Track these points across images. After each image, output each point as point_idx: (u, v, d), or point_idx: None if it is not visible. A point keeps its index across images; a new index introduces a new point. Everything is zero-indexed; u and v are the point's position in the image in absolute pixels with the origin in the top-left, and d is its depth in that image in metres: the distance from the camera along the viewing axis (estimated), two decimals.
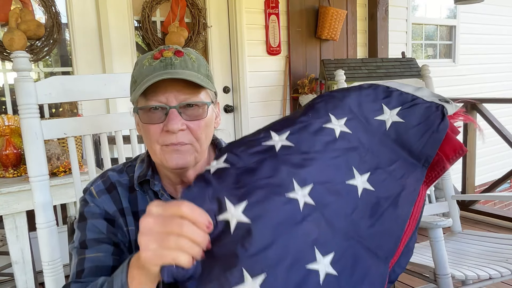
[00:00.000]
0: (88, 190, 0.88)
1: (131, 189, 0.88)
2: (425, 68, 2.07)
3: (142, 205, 0.86)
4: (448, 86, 4.82)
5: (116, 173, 0.90)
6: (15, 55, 1.04)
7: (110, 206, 0.85)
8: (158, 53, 0.79)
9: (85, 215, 0.85)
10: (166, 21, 2.93)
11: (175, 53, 0.79)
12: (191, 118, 0.78)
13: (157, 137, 0.78)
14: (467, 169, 3.39)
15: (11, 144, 1.95)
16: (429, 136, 0.65)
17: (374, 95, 0.71)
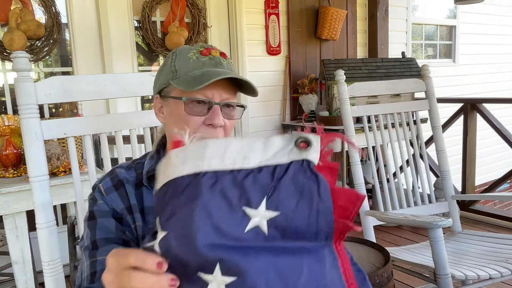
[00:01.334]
0: (97, 187, 0.89)
1: (137, 186, 0.89)
2: (425, 68, 2.07)
3: (148, 201, 0.87)
4: (448, 86, 4.82)
5: (124, 170, 0.91)
6: (15, 55, 1.04)
7: (118, 204, 0.86)
8: (206, 50, 0.84)
9: (94, 214, 0.86)
10: (166, 21, 2.93)
11: (221, 55, 0.86)
12: (228, 117, 0.85)
13: (196, 128, 0.82)
14: (467, 169, 3.39)
15: (11, 144, 1.95)
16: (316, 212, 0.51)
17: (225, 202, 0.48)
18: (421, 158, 2.23)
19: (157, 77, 0.90)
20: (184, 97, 0.82)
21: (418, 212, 1.96)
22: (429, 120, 2.10)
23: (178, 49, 0.87)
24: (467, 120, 3.34)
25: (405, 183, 2.18)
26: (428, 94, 2.07)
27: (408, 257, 1.75)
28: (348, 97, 1.90)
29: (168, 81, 0.84)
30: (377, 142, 1.99)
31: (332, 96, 3.11)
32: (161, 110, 0.89)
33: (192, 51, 0.85)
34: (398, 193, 1.97)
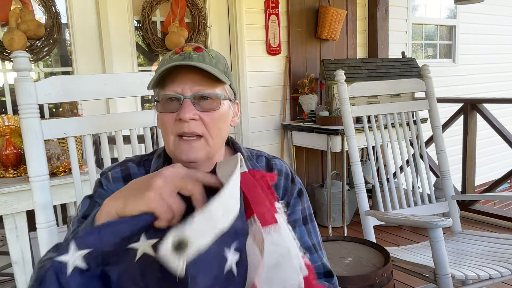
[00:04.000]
0: (106, 174, 0.89)
1: None
2: (425, 68, 2.07)
3: None
4: (448, 86, 4.82)
5: (135, 165, 0.90)
6: (15, 55, 1.04)
7: None
8: (179, 48, 0.82)
9: (97, 195, 0.87)
10: (166, 21, 2.93)
11: (195, 49, 0.82)
12: (204, 109, 0.80)
13: (171, 127, 0.81)
14: (467, 169, 3.39)
15: (11, 144, 1.95)
16: None
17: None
18: (421, 158, 2.23)
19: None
20: (156, 97, 0.83)
21: (418, 212, 1.96)
22: (429, 120, 2.10)
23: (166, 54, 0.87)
24: (467, 120, 3.34)
25: (405, 183, 2.18)
26: (428, 94, 2.07)
27: (408, 257, 1.75)
28: (348, 97, 1.90)
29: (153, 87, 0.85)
30: (377, 142, 1.99)
31: (332, 96, 3.11)
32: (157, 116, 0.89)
33: (170, 52, 0.84)
34: (398, 193, 1.97)
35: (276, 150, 3.47)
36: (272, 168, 0.94)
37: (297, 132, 3.32)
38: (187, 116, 0.78)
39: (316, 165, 3.70)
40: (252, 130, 3.32)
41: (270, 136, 3.44)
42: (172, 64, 0.78)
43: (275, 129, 3.45)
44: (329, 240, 1.74)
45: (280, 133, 3.47)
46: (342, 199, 3.14)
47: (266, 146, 3.41)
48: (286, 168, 0.96)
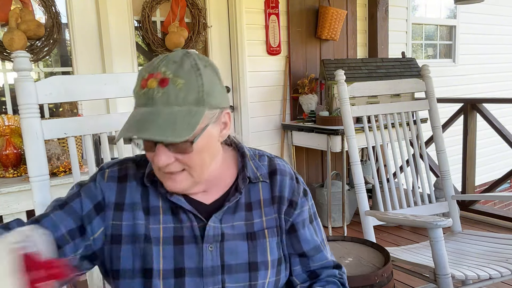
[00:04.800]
0: (103, 170, 0.88)
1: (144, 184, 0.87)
2: (425, 68, 2.07)
3: (153, 201, 0.86)
4: (448, 86, 4.82)
5: (135, 166, 0.89)
6: (15, 55, 1.04)
7: (111, 196, 0.85)
8: (144, 81, 0.74)
9: (85, 188, 0.86)
10: (166, 21, 2.93)
11: (159, 83, 0.73)
12: (179, 151, 0.76)
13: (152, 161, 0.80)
14: (467, 169, 3.40)
15: (11, 144, 1.95)
16: None
17: None
18: (421, 158, 2.23)
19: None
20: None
21: (418, 212, 1.96)
22: (429, 120, 2.10)
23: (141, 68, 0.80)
24: (467, 120, 3.34)
25: (405, 183, 2.18)
26: (428, 94, 2.07)
27: (408, 257, 1.75)
28: (348, 97, 1.90)
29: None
30: (377, 142, 1.99)
31: (332, 96, 3.11)
32: None
33: (138, 78, 0.77)
34: (398, 193, 1.97)
35: (276, 150, 3.47)
36: (274, 168, 0.93)
37: (297, 132, 3.32)
38: (162, 163, 0.75)
39: (316, 165, 3.70)
40: (252, 130, 3.32)
41: (270, 136, 3.44)
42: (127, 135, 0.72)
43: (275, 129, 3.45)
44: (329, 240, 1.74)
45: (280, 133, 3.47)
46: (342, 199, 3.14)
47: (266, 146, 3.41)
48: (289, 169, 0.96)
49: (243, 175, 0.89)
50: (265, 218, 0.89)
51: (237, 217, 0.87)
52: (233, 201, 0.86)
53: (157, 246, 0.83)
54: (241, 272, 0.85)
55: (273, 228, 0.89)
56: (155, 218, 0.84)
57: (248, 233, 0.87)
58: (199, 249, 0.83)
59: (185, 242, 0.83)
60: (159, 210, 0.85)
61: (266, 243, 0.88)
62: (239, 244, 0.86)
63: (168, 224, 0.84)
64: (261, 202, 0.90)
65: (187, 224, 0.84)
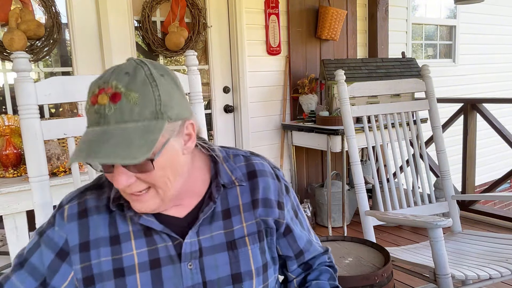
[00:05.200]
0: (62, 208, 0.82)
1: (110, 209, 0.81)
2: (425, 68, 2.07)
3: (122, 227, 0.80)
4: (448, 86, 4.82)
5: (94, 195, 0.82)
6: (15, 56, 1.04)
7: (73, 237, 0.79)
8: (94, 97, 0.68)
9: (44, 237, 0.81)
10: (166, 21, 2.93)
11: (110, 99, 0.67)
12: (139, 171, 0.70)
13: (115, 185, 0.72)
14: (467, 169, 3.39)
15: (11, 144, 1.95)
16: None
17: None
18: (421, 158, 2.23)
19: None
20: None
21: (418, 212, 1.96)
22: (429, 120, 2.10)
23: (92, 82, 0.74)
24: (467, 120, 3.34)
25: (405, 183, 2.18)
26: (428, 94, 2.07)
27: (408, 257, 1.75)
28: (348, 97, 1.90)
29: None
30: (377, 142, 1.99)
31: (332, 96, 3.11)
32: None
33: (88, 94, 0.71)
34: (398, 193, 1.97)
35: (276, 150, 3.47)
36: (253, 169, 0.87)
37: (297, 132, 3.32)
38: (122, 186, 0.70)
39: (316, 165, 3.70)
40: (252, 130, 3.32)
41: (270, 136, 3.44)
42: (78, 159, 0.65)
43: (275, 129, 3.45)
44: (329, 240, 1.74)
45: (280, 133, 3.47)
46: (342, 199, 3.14)
47: (266, 146, 3.41)
48: (268, 166, 0.90)
49: (217, 182, 0.83)
50: (245, 223, 0.84)
51: (214, 227, 0.82)
52: (208, 211, 0.81)
53: (133, 275, 0.77)
54: (224, 286, 0.80)
55: (254, 234, 0.84)
56: (127, 245, 0.79)
57: (228, 243, 0.82)
58: (177, 269, 0.78)
59: (162, 265, 0.78)
60: (130, 235, 0.79)
61: (248, 251, 0.83)
62: (219, 256, 0.81)
63: (141, 248, 0.79)
64: (240, 207, 0.84)
65: (162, 244, 0.79)
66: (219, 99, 3.23)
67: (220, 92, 3.23)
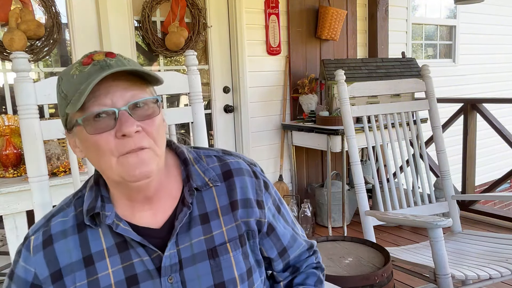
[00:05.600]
0: (28, 240, 0.78)
1: (80, 228, 0.77)
2: (425, 68, 2.07)
3: (95, 245, 0.76)
4: (448, 86, 4.82)
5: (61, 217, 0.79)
6: (14, 56, 1.04)
7: (42, 269, 0.75)
8: (87, 58, 0.69)
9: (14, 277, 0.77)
10: (166, 21, 2.93)
11: (106, 55, 0.69)
12: (144, 118, 0.70)
13: (111, 147, 0.68)
14: (467, 169, 3.39)
15: (11, 144, 1.95)
16: None
17: None
18: (421, 158, 2.23)
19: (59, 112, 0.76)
20: (79, 118, 0.69)
21: (418, 212, 1.96)
22: (429, 120, 2.10)
23: (63, 71, 0.73)
24: (467, 120, 3.34)
25: (405, 183, 2.18)
26: (428, 94, 2.07)
27: (408, 257, 1.75)
28: (348, 97, 1.90)
29: (64, 111, 0.71)
30: (377, 142, 1.99)
31: (332, 96, 3.11)
32: (76, 144, 0.76)
33: (74, 66, 0.70)
34: (398, 193, 1.97)
35: (276, 150, 3.47)
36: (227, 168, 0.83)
37: (297, 132, 3.32)
38: (132, 129, 0.67)
39: (316, 165, 3.70)
40: (252, 130, 3.32)
41: (270, 136, 3.43)
42: (100, 76, 0.65)
43: (275, 129, 3.45)
44: (329, 240, 1.74)
45: (280, 133, 3.47)
46: (342, 199, 3.14)
47: (266, 146, 3.41)
48: (244, 164, 0.85)
49: (189, 186, 0.79)
50: (225, 228, 0.80)
51: (193, 233, 0.77)
52: (183, 218, 0.76)
53: None
54: None
55: (236, 239, 0.80)
56: (102, 264, 0.75)
57: (209, 250, 0.78)
58: (157, 285, 0.75)
59: (140, 281, 0.75)
60: (104, 253, 0.75)
61: (230, 258, 0.79)
62: (200, 266, 0.77)
63: (117, 266, 0.75)
64: (218, 210, 0.80)
65: (137, 259, 0.75)
66: (219, 99, 3.23)
67: (220, 92, 3.23)
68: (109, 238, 0.76)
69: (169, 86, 1.30)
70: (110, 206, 0.77)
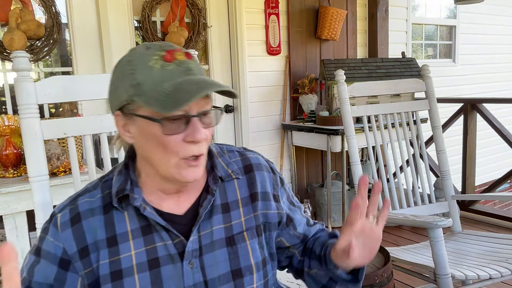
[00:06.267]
0: (54, 217, 0.80)
1: (106, 209, 0.79)
2: (425, 68, 2.07)
3: (120, 227, 0.78)
4: (448, 86, 4.82)
5: (87, 197, 0.81)
6: (15, 55, 1.04)
7: (70, 245, 0.77)
8: (169, 54, 0.71)
9: (41, 251, 0.78)
10: (166, 21, 2.93)
11: (186, 56, 0.73)
12: (207, 126, 0.75)
13: (178, 148, 0.72)
14: (467, 169, 3.39)
15: (11, 144, 1.95)
16: None
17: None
18: (421, 158, 2.23)
19: (112, 89, 0.76)
20: (159, 118, 0.71)
21: (418, 212, 1.96)
22: (429, 120, 2.10)
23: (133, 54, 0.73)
24: (467, 120, 3.34)
25: (405, 183, 2.18)
26: (428, 94, 2.07)
27: (408, 257, 1.75)
28: (348, 97, 1.90)
29: (130, 97, 0.72)
30: (377, 142, 1.99)
31: (332, 96, 3.11)
32: (126, 128, 0.76)
33: (153, 57, 0.71)
34: (398, 193, 1.97)
35: (276, 150, 3.47)
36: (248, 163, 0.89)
37: (297, 132, 3.32)
38: (201, 137, 0.72)
39: (316, 165, 3.70)
40: (252, 130, 3.32)
41: (270, 136, 3.44)
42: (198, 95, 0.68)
43: (275, 129, 3.45)
44: None
45: (280, 133, 3.47)
46: (342, 199, 3.14)
47: (266, 146, 3.41)
48: (263, 160, 0.91)
49: (214, 175, 0.83)
50: (244, 218, 0.84)
51: (214, 221, 0.82)
52: (208, 205, 0.80)
53: (132, 277, 0.76)
54: (225, 283, 0.80)
55: (253, 229, 0.84)
56: (125, 246, 0.77)
57: (227, 238, 0.81)
58: (178, 269, 0.77)
59: (161, 264, 0.77)
60: (128, 235, 0.78)
61: (247, 246, 0.83)
62: (219, 253, 0.80)
63: (140, 248, 0.78)
64: (239, 201, 0.85)
65: (161, 243, 0.78)
66: (219, 99, 3.23)
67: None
68: (133, 221, 0.79)
69: None
70: (138, 190, 0.80)
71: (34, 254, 0.79)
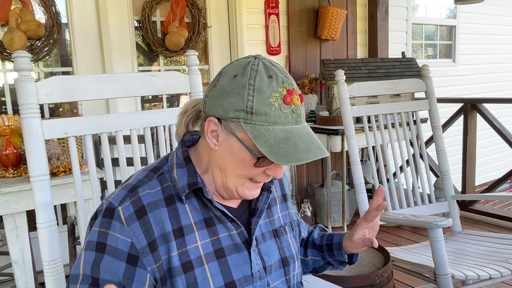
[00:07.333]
0: (115, 210, 0.76)
1: (168, 202, 0.79)
2: (425, 68, 2.07)
3: (184, 219, 0.79)
4: (448, 86, 4.83)
5: (148, 190, 0.79)
6: (16, 55, 1.04)
7: (140, 239, 0.75)
8: (288, 97, 0.74)
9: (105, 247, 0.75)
10: (166, 21, 2.93)
11: (300, 100, 0.77)
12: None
13: (257, 176, 0.79)
14: (467, 169, 3.40)
15: (11, 144, 1.95)
16: None
17: None
18: (421, 158, 2.23)
19: (217, 95, 0.75)
20: (258, 156, 0.74)
21: (418, 212, 1.96)
22: (429, 120, 2.10)
23: (256, 78, 0.73)
24: (467, 120, 3.34)
25: (405, 183, 2.18)
26: (428, 94, 2.07)
27: (408, 257, 1.75)
28: (348, 97, 1.90)
29: (237, 118, 0.73)
30: (377, 142, 1.99)
31: (332, 96, 3.11)
32: (215, 136, 0.77)
33: (274, 94, 0.72)
34: (398, 193, 1.97)
35: None
36: None
37: None
38: (280, 176, 0.80)
39: (316, 165, 3.70)
40: None
41: None
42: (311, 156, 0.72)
43: None
44: None
45: None
46: (342, 199, 3.14)
47: None
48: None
49: None
50: (280, 214, 0.94)
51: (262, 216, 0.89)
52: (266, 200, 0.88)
53: (202, 266, 0.77)
54: (277, 269, 0.87)
55: (288, 224, 0.94)
56: (191, 237, 0.78)
57: (273, 230, 0.90)
58: (243, 257, 0.82)
59: (226, 254, 0.81)
60: (192, 227, 0.79)
61: (288, 238, 0.92)
62: (270, 242, 0.88)
63: (205, 239, 0.79)
64: (276, 199, 0.95)
65: (225, 234, 0.82)
66: None
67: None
68: (196, 213, 0.81)
69: (170, 86, 1.30)
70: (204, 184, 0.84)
71: (96, 251, 0.75)
